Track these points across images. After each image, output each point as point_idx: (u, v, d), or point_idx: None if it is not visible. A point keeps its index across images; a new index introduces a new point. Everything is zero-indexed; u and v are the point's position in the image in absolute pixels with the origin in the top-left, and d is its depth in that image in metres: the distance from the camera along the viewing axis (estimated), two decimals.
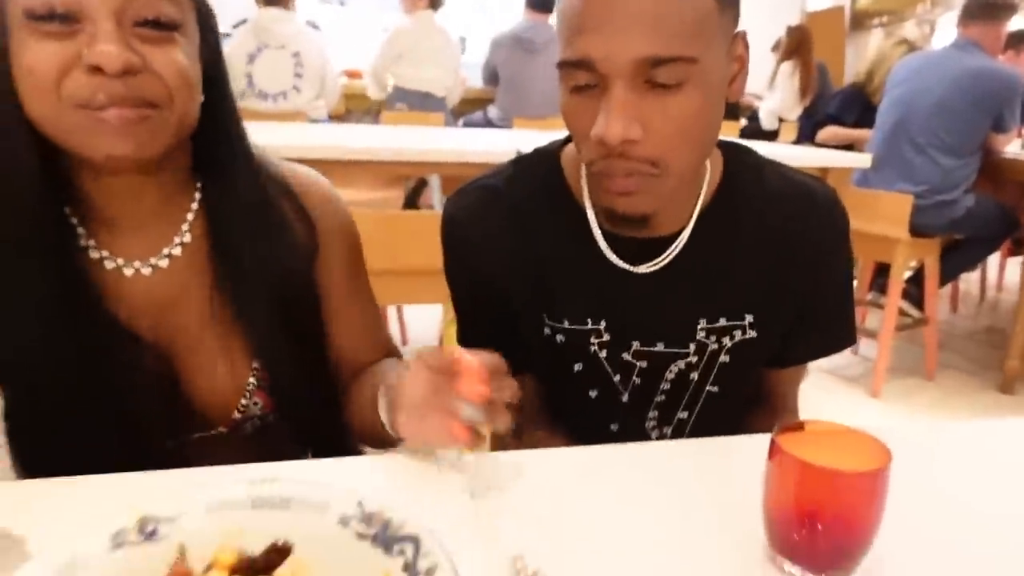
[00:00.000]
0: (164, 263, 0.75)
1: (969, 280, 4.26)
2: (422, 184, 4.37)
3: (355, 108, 4.81)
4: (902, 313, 3.06)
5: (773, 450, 0.55)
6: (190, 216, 0.77)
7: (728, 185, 0.86)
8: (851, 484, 0.52)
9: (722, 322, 0.86)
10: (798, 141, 4.43)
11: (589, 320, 0.86)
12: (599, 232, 0.84)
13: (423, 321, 3.03)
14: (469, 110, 4.65)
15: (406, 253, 1.58)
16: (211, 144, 0.76)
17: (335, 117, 4.29)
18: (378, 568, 0.44)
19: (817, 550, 0.54)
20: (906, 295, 3.04)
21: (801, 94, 4.58)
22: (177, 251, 0.75)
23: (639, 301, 0.85)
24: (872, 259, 3.11)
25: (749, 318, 0.86)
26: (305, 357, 0.83)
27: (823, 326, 0.92)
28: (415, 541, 0.44)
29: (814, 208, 0.86)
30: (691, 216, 0.83)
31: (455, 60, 4.22)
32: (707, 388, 0.90)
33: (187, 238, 0.76)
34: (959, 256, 3.03)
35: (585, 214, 0.84)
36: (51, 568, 0.40)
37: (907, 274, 3.06)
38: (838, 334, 0.94)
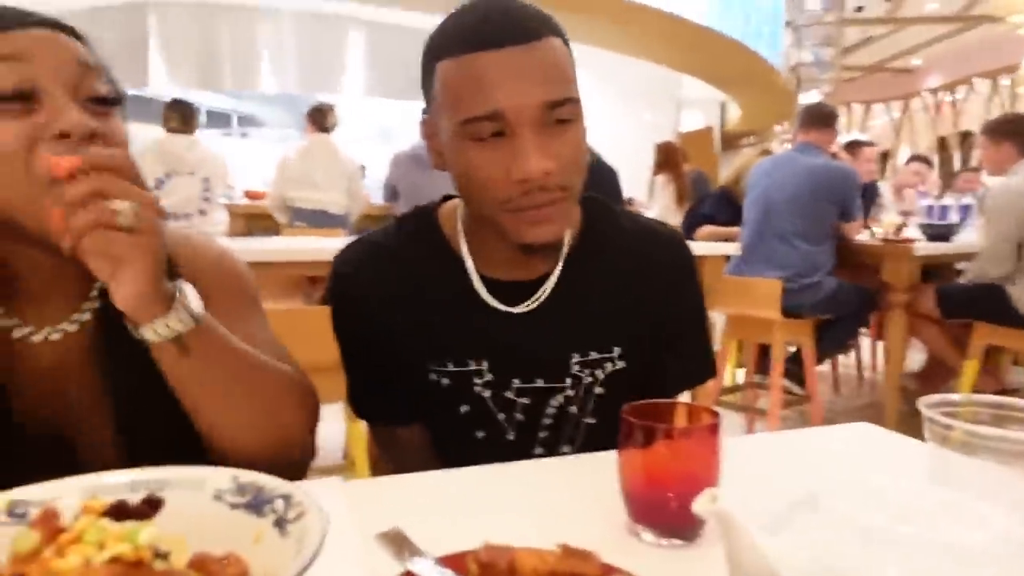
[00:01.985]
0: (74, 328, 0.73)
1: (848, 364, 4.59)
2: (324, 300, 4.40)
3: (256, 228, 4.86)
4: (787, 392, 3.26)
5: (623, 423, 0.62)
6: (99, 283, 0.75)
7: (588, 231, 0.97)
8: (686, 439, 0.59)
9: (593, 355, 0.94)
10: None
11: (471, 362, 0.92)
12: (476, 278, 0.92)
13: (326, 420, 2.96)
14: (370, 226, 4.78)
15: (307, 349, 1.59)
16: None
17: (234, 236, 4.32)
18: (250, 532, 0.47)
19: (667, 512, 0.60)
20: (788, 374, 3.25)
21: (678, 201, 4.98)
22: (87, 316, 0.74)
23: (516, 340, 0.92)
24: (754, 341, 3.33)
25: (617, 350, 0.95)
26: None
27: (684, 358, 1.02)
28: (287, 498, 0.47)
29: (662, 246, 0.99)
30: (558, 260, 0.93)
31: (350, 180, 4.39)
32: (586, 420, 0.96)
33: (97, 303, 0.75)
34: (830, 335, 3.29)
35: (463, 263, 0.93)
36: None
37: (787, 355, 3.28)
38: (698, 365, 1.04)
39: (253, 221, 4.85)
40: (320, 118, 4.35)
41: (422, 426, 0.97)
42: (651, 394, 1.01)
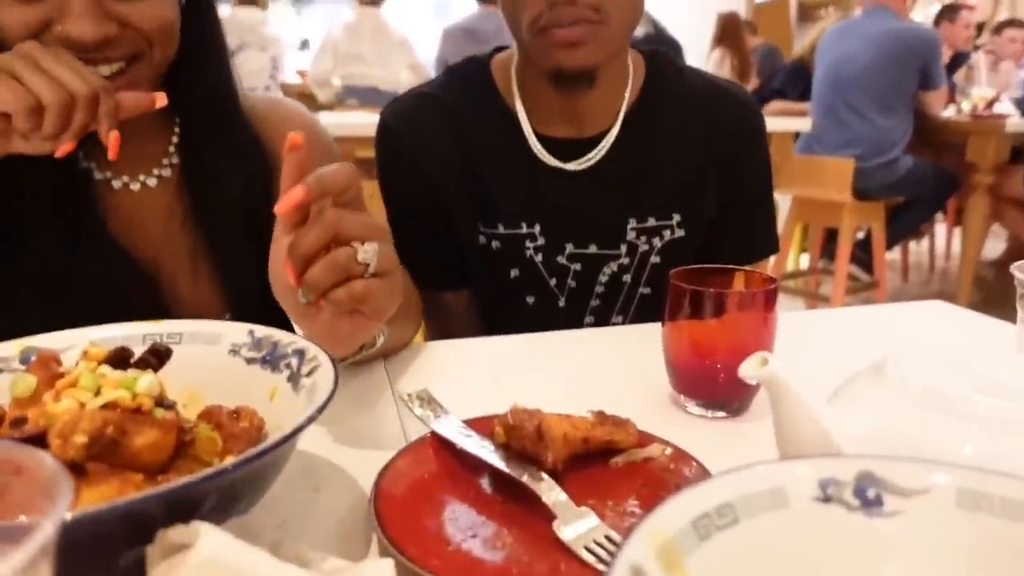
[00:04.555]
0: (153, 182, 0.74)
1: (920, 252, 4.37)
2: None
3: (308, 106, 4.81)
4: (853, 278, 3.13)
5: (670, 288, 0.57)
6: (175, 139, 0.76)
7: (650, 86, 0.89)
8: (737, 306, 0.54)
9: (651, 222, 0.88)
10: None
11: (524, 224, 0.87)
12: (530, 132, 0.86)
13: None
14: None
15: None
16: (192, 70, 0.72)
17: None
18: (266, 387, 0.45)
19: (713, 384, 0.56)
20: (856, 260, 3.10)
21: (740, 78, 4.65)
22: (167, 172, 0.75)
23: (571, 201, 0.86)
24: (821, 225, 3.18)
25: (677, 217, 0.88)
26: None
27: (746, 230, 0.95)
28: (300, 353, 0.44)
29: (730, 103, 0.90)
30: (617, 115, 0.86)
31: (401, 55, 4.24)
32: (640, 291, 0.91)
33: (175, 159, 0.75)
34: (903, 219, 3.11)
35: (516, 117, 0.86)
36: None
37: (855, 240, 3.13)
38: (761, 239, 0.96)
39: (306, 100, 4.80)
40: None
41: (471, 292, 0.94)
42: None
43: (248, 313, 0.77)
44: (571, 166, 0.86)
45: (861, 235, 3.31)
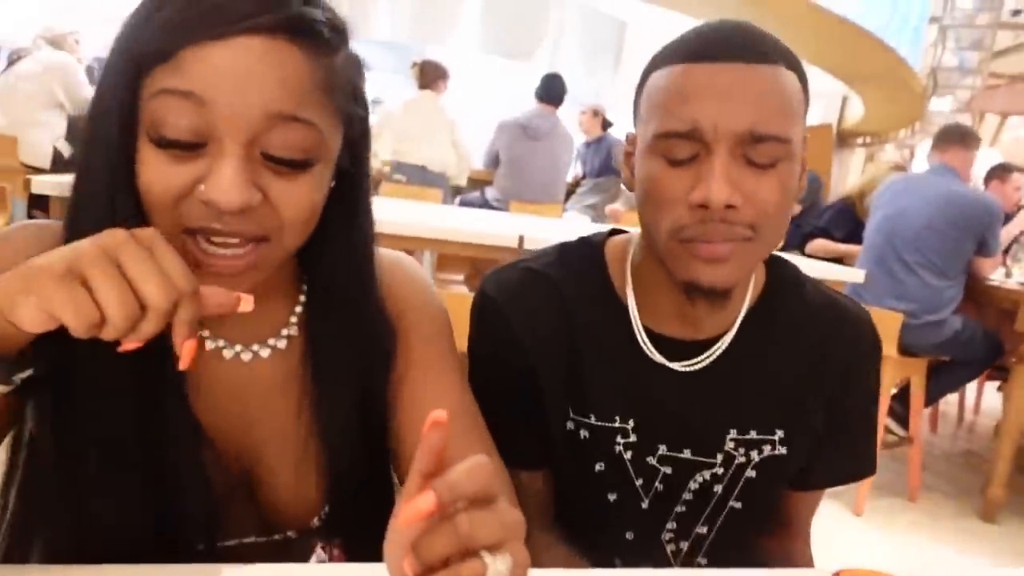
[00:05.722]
0: (266, 352, 0.68)
1: (948, 402, 4.28)
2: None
3: None
4: (887, 431, 3.04)
5: None
6: (299, 309, 0.71)
7: (770, 295, 0.85)
8: None
9: (752, 435, 0.83)
10: (784, 248, 4.50)
11: (618, 418, 0.82)
12: (640, 326, 0.82)
13: None
14: (467, 189, 4.71)
15: None
16: (332, 236, 0.67)
17: None
18: None
19: None
20: (892, 413, 3.03)
21: None
22: (282, 343, 0.69)
23: (671, 402, 0.82)
24: None
25: (779, 433, 0.84)
26: (373, 467, 0.75)
27: (846, 451, 0.90)
28: None
29: (850, 327, 0.86)
30: (734, 321, 0.82)
31: (450, 136, 4.29)
32: (730, 503, 0.86)
33: (294, 331, 0.70)
34: (945, 377, 3.04)
35: (626, 309, 0.83)
36: None
37: (892, 391, 3.06)
38: (860, 461, 0.92)
39: None
40: (431, 74, 4.25)
41: (547, 476, 0.89)
42: (801, 485, 0.91)
43: (344, 512, 0.72)
44: (678, 366, 0.82)
45: (898, 383, 3.24)
